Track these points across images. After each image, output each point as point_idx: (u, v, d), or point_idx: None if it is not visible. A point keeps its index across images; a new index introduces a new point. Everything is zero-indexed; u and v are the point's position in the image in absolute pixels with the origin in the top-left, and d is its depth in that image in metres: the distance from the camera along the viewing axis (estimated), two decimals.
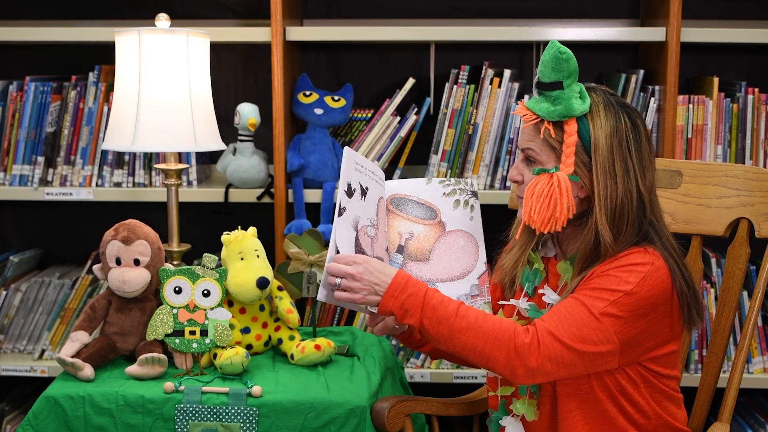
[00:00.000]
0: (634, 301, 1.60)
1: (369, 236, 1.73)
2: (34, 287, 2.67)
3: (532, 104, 1.68)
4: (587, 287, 1.63)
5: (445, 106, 2.53)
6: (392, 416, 1.84)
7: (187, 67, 2.15)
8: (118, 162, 2.61)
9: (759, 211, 1.89)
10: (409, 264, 1.81)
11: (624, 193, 1.64)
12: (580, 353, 1.58)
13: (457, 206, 1.84)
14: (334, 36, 2.55)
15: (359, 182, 1.72)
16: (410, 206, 1.83)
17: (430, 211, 1.83)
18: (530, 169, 1.70)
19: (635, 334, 1.63)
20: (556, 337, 1.58)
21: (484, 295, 1.83)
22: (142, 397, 1.81)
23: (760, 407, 2.73)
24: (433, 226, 1.83)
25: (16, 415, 2.80)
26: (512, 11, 2.78)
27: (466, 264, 1.83)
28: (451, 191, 1.85)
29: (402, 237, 1.81)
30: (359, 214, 1.71)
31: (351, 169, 1.70)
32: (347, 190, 1.68)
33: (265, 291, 1.98)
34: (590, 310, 1.59)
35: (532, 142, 1.68)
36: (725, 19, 2.71)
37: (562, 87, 1.63)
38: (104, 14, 2.82)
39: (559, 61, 1.62)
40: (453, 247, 1.82)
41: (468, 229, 1.84)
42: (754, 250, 1.99)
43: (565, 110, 1.63)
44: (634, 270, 1.61)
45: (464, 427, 2.77)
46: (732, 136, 2.51)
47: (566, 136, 1.64)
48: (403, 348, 2.59)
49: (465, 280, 1.82)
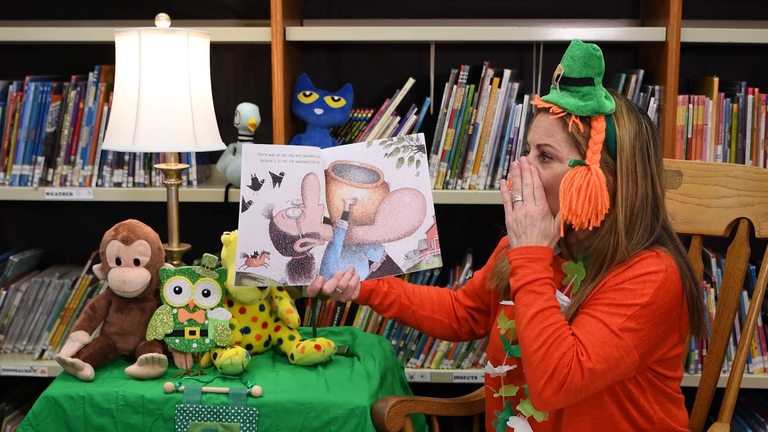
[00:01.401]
0: (650, 312, 1.61)
1: (292, 217, 1.80)
2: (34, 287, 2.67)
3: (555, 98, 1.66)
4: (603, 303, 1.62)
5: (445, 106, 2.52)
6: (392, 416, 1.84)
7: (187, 67, 2.15)
8: (118, 162, 2.61)
9: (759, 211, 1.89)
10: (355, 229, 1.85)
11: (642, 197, 1.65)
12: (603, 372, 1.59)
13: (401, 164, 1.85)
14: (334, 36, 2.55)
15: (268, 171, 1.78)
16: (352, 171, 1.85)
17: (373, 173, 1.86)
18: (545, 165, 1.68)
19: (653, 344, 1.64)
20: (587, 348, 1.58)
21: (433, 248, 1.86)
22: (142, 397, 1.81)
23: (760, 407, 2.73)
24: (377, 188, 1.85)
25: (16, 415, 2.80)
26: (512, 11, 2.78)
27: (413, 221, 1.86)
28: (394, 150, 1.86)
29: (346, 203, 1.85)
30: (272, 201, 1.79)
31: (255, 162, 1.77)
32: (251, 184, 1.77)
33: (265, 291, 1.98)
34: (610, 328, 1.59)
35: (551, 138, 1.66)
36: (725, 19, 2.71)
37: (593, 83, 1.63)
38: (104, 14, 2.82)
39: (592, 58, 1.62)
40: (398, 206, 1.85)
41: (414, 186, 1.86)
42: (754, 250, 1.99)
43: (597, 106, 1.63)
44: (649, 280, 1.61)
45: (464, 427, 2.77)
46: (732, 136, 2.51)
47: (594, 132, 1.63)
48: (403, 348, 2.60)
49: (413, 237, 1.86)
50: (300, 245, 1.82)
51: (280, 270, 1.81)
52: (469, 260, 2.63)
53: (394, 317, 1.97)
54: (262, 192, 1.78)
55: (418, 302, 1.97)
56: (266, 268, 1.80)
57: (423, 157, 1.86)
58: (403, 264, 1.86)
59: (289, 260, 1.81)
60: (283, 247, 1.80)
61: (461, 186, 2.53)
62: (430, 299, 1.99)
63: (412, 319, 1.97)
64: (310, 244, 1.83)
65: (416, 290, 1.99)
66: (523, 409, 1.72)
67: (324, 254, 1.84)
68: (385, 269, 1.86)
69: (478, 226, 2.78)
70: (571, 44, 1.65)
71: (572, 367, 1.56)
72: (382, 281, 1.94)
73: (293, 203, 1.81)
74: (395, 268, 1.86)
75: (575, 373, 1.56)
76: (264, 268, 1.79)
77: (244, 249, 1.78)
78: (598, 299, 1.63)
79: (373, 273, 1.86)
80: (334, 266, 1.85)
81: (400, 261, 1.86)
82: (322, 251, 1.84)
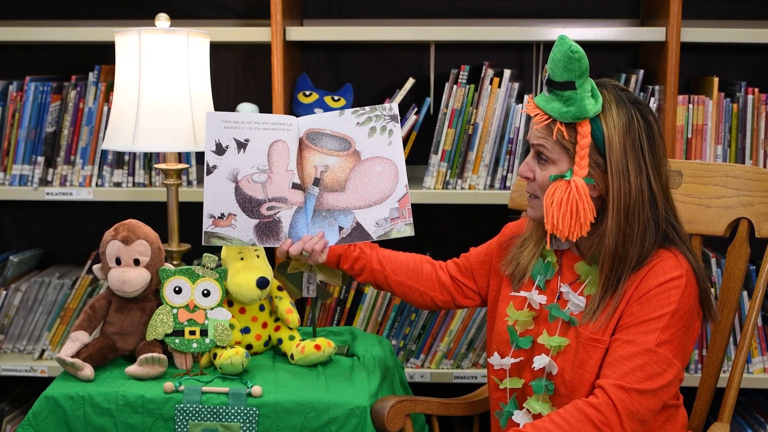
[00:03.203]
0: (679, 318, 1.62)
1: (257, 182, 1.88)
2: (34, 287, 2.67)
3: (542, 102, 1.65)
4: (632, 323, 1.63)
5: (445, 106, 2.52)
6: (392, 416, 1.84)
7: (187, 67, 2.15)
8: (118, 162, 2.61)
9: (759, 211, 1.89)
10: (326, 195, 1.91)
11: (636, 194, 1.62)
12: (653, 391, 1.60)
13: (373, 133, 1.90)
14: (334, 36, 2.55)
15: (233, 137, 1.87)
16: (324, 139, 1.91)
17: (344, 142, 1.91)
18: (542, 166, 1.68)
19: (688, 346, 1.67)
20: (626, 387, 1.59)
21: (405, 217, 1.90)
22: (142, 397, 1.81)
23: (760, 407, 2.73)
24: (348, 156, 1.91)
25: (16, 415, 2.80)
26: (512, 11, 2.78)
27: (385, 189, 1.90)
28: (366, 119, 1.90)
29: (317, 170, 1.92)
30: (236, 166, 1.87)
31: (219, 129, 1.86)
32: (215, 149, 1.86)
33: (265, 291, 1.98)
34: (645, 347, 1.60)
35: (545, 140, 1.66)
36: (725, 19, 2.71)
37: (575, 87, 1.59)
38: (104, 14, 2.82)
39: (570, 61, 1.57)
40: (369, 174, 1.90)
41: (386, 155, 1.90)
42: (754, 250, 1.99)
43: (578, 112, 1.60)
44: (672, 286, 1.62)
45: (464, 427, 2.77)
46: (732, 136, 2.51)
47: (580, 137, 1.62)
48: (403, 348, 2.60)
49: (384, 205, 1.90)
50: (266, 209, 1.89)
51: (247, 231, 1.90)
52: None
53: (367, 282, 2.00)
54: (227, 157, 1.87)
55: (391, 268, 1.98)
56: (233, 229, 1.89)
57: (396, 126, 1.90)
58: (373, 231, 1.90)
59: (256, 222, 1.89)
60: (249, 210, 1.89)
61: (461, 186, 2.53)
62: (406, 266, 1.99)
63: (385, 283, 1.98)
64: (277, 208, 1.90)
65: (392, 256, 2.00)
66: (531, 407, 1.72)
67: (294, 218, 1.91)
68: (355, 235, 1.91)
69: (478, 226, 2.77)
70: (556, 42, 1.60)
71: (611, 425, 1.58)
72: (353, 246, 1.97)
73: (259, 168, 1.88)
74: (365, 234, 1.90)
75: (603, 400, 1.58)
76: (231, 229, 1.89)
77: (211, 210, 1.88)
78: (627, 321, 1.64)
79: (342, 239, 1.91)
80: (304, 230, 1.92)
81: (371, 228, 1.90)
82: (290, 215, 1.91)
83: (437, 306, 2.00)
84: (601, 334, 1.66)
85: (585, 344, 1.66)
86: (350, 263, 1.97)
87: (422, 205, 2.45)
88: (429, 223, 2.55)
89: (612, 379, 1.60)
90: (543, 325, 1.74)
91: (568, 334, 1.70)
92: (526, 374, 1.76)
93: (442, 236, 2.77)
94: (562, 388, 1.69)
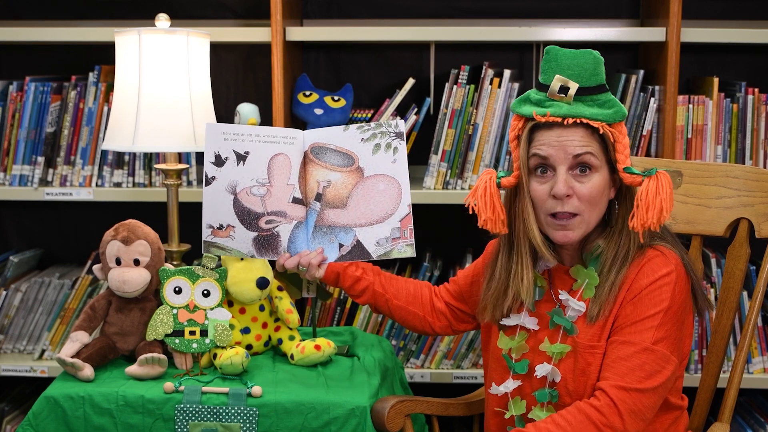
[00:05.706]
0: (672, 313, 1.63)
1: (256, 195, 1.87)
2: (34, 287, 2.67)
3: (575, 111, 1.62)
4: (627, 324, 1.64)
5: (445, 106, 2.52)
6: (392, 416, 1.84)
7: (187, 67, 2.15)
8: (118, 162, 2.61)
9: (759, 212, 1.89)
10: (327, 211, 1.89)
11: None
12: (654, 389, 1.60)
13: (377, 150, 1.86)
14: (334, 36, 2.55)
15: (232, 149, 1.85)
16: (328, 154, 1.89)
17: (348, 158, 1.88)
18: (585, 178, 1.63)
19: (683, 341, 1.68)
20: (626, 387, 1.59)
21: (406, 238, 1.87)
22: (142, 397, 1.81)
23: (760, 407, 2.73)
24: (351, 172, 1.88)
25: (16, 415, 2.80)
26: (512, 11, 2.78)
27: (387, 207, 1.87)
28: (371, 136, 1.87)
29: (320, 185, 1.89)
30: (236, 178, 1.86)
31: (218, 140, 1.84)
32: (214, 161, 1.85)
33: (265, 291, 1.98)
34: (642, 346, 1.61)
35: (590, 147, 1.63)
36: (725, 19, 2.71)
37: (607, 89, 1.63)
38: (104, 14, 2.82)
39: (599, 64, 1.62)
40: (371, 192, 1.87)
41: (390, 173, 1.86)
42: (754, 250, 1.99)
43: (621, 110, 1.64)
44: (663, 284, 1.63)
45: (464, 427, 2.77)
46: (732, 136, 2.51)
47: (622, 136, 1.64)
48: (403, 348, 2.60)
49: (385, 224, 1.87)
50: (265, 222, 1.88)
51: (246, 243, 1.88)
52: (468, 260, 2.62)
53: (367, 304, 1.97)
54: (226, 169, 1.85)
55: (392, 292, 1.95)
56: (232, 240, 1.88)
57: (402, 144, 1.86)
58: (373, 250, 1.87)
59: (254, 235, 1.88)
60: (247, 222, 1.87)
61: (461, 186, 2.53)
62: (406, 290, 1.97)
63: (386, 307, 1.96)
64: (275, 222, 1.88)
65: (393, 280, 1.98)
66: (536, 416, 1.72)
67: (294, 233, 1.89)
68: (354, 253, 1.88)
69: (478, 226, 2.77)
70: (568, 53, 1.62)
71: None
72: (355, 266, 1.93)
73: (258, 181, 1.87)
74: (365, 253, 1.88)
75: (604, 400, 1.59)
76: (230, 240, 1.88)
77: (209, 220, 1.87)
78: (622, 322, 1.65)
79: (342, 256, 1.89)
80: (303, 245, 1.90)
81: (371, 247, 1.87)
82: (289, 230, 1.89)
83: (435, 332, 1.98)
84: (597, 339, 1.67)
85: (583, 352, 1.67)
86: (351, 282, 1.93)
87: (422, 205, 2.45)
88: (429, 223, 2.55)
89: (612, 381, 1.60)
90: (544, 332, 1.74)
91: (567, 342, 1.70)
92: (528, 397, 1.75)
93: (442, 236, 2.77)
94: (567, 398, 1.69)
